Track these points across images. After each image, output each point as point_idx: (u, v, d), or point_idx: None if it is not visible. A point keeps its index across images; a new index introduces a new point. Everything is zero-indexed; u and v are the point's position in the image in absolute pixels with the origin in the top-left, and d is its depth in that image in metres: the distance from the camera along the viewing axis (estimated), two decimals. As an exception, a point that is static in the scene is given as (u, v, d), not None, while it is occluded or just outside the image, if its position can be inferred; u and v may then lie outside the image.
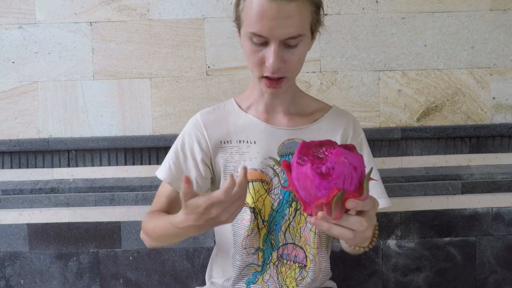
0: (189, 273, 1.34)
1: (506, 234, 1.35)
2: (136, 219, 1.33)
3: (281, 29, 0.75)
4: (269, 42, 0.77)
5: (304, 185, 0.58)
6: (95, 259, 1.34)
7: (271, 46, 0.77)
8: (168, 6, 1.38)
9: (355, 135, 0.94)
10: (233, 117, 0.92)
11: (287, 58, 0.79)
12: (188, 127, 0.93)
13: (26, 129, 1.40)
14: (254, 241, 0.88)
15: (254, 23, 0.76)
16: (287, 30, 0.76)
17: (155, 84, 1.40)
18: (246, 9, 0.78)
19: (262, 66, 0.80)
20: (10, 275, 1.35)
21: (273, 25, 0.75)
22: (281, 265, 0.89)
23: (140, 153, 1.40)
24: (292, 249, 0.88)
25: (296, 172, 0.59)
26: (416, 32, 1.39)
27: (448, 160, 1.41)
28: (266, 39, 0.77)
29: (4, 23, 1.38)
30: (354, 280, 1.34)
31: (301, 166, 0.58)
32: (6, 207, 1.34)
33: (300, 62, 0.84)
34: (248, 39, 0.79)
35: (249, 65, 0.83)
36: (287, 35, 0.76)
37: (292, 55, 0.79)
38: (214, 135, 0.91)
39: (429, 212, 1.34)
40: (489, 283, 1.36)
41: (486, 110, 1.41)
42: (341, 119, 0.94)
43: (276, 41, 0.76)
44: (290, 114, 0.92)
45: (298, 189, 0.60)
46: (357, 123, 0.96)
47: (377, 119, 1.40)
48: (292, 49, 0.79)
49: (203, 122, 0.92)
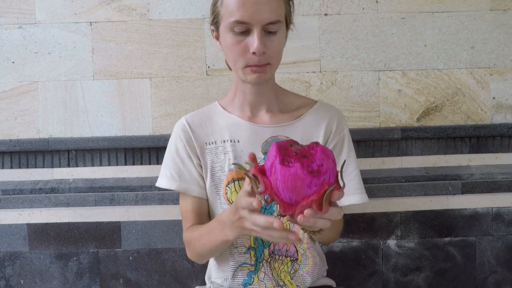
0: (189, 273, 1.34)
1: (506, 234, 1.35)
2: (136, 219, 1.33)
3: (262, 14, 0.79)
4: (251, 29, 0.81)
5: (292, 186, 0.58)
6: (95, 259, 1.34)
7: (254, 32, 0.80)
8: (168, 6, 1.38)
9: (338, 129, 0.94)
10: (217, 118, 0.95)
11: (268, 45, 0.82)
12: (176, 132, 0.95)
13: (26, 129, 1.40)
14: (245, 240, 0.89)
15: (235, 11, 0.79)
16: (268, 15, 0.80)
17: (155, 84, 1.40)
18: (225, 2, 0.82)
19: (245, 55, 0.82)
20: (10, 275, 1.35)
21: (254, 10, 0.79)
22: (274, 261, 0.90)
23: (140, 153, 1.40)
24: (283, 244, 0.90)
25: (282, 174, 0.58)
26: (416, 32, 1.39)
27: (448, 160, 1.41)
28: (248, 25, 0.80)
29: (4, 23, 1.38)
30: (354, 280, 1.34)
31: (289, 167, 0.58)
32: (6, 207, 1.34)
33: (280, 50, 0.87)
34: (230, 30, 0.82)
35: (232, 57, 0.85)
36: (268, 20, 0.80)
37: (273, 42, 0.83)
38: (200, 137, 0.93)
39: (429, 212, 1.34)
40: (489, 283, 1.36)
41: (486, 110, 1.41)
42: (325, 114, 0.95)
43: (258, 26, 0.80)
44: (273, 111, 0.94)
45: (281, 191, 0.59)
46: (341, 118, 0.97)
47: (377, 119, 1.40)
48: (272, 36, 0.83)
49: (189, 124, 0.94)
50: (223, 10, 0.83)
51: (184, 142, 0.93)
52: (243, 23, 0.80)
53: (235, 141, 0.91)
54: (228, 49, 0.85)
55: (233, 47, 0.83)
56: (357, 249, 1.34)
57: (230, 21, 0.81)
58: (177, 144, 0.94)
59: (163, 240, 1.33)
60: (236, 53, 0.83)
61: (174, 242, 1.33)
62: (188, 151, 0.92)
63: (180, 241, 1.33)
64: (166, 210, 1.33)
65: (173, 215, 1.33)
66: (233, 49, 0.83)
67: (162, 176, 0.94)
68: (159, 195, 1.34)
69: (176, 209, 1.32)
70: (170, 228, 1.33)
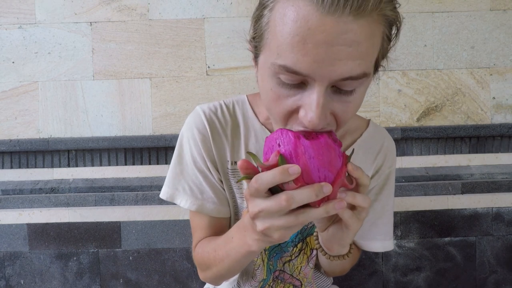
0: (189, 273, 1.34)
1: (506, 234, 1.35)
2: (136, 219, 1.33)
3: (335, 63, 0.45)
4: (310, 84, 0.48)
5: (329, 159, 0.47)
6: (95, 259, 1.34)
7: (313, 90, 0.47)
8: (168, 6, 1.38)
9: (386, 164, 0.75)
10: (245, 129, 0.70)
11: (337, 110, 0.50)
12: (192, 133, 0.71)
13: (26, 129, 1.40)
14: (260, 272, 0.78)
15: (287, 50, 0.46)
16: (346, 64, 0.45)
17: (155, 84, 1.40)
18: (273, 24, 0.48)
19: (293, 116, 0.51)
20: (10, 275, 1.35)
21: (322, 55, 0.45)
22: (276, 285, 0.80)
23: (140, 153, 1.40)
24: (289, 278, 0.80)
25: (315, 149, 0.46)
26: (416, 32, 1.39)
27: (448, 160, 1.41)
28: (305, 78, 0.47)
29: (4, 23, 1.38)
30: (354, 280, 1.34)
31: (317, 139, 0.47)
32: (6, 207, 1.34)
33: (355, 112, 0.54)
34: (273, 76, 0.49)
35: (271, 110, 0.54)
36: (345, 74, 0.46)
37: (346, 105, 0.50)
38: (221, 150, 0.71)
39: (429, 212, 1.34)
40: (489, 283, 1.36)
41: (486, 110, 1.41)
42: (377, 145, 0.74)
43: (323, 84, 0.47)
44: None
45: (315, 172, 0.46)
46: (393, 149, 0.77)
47: (377, 119, 1.40)
48: (346, 96, 0.50)
49: (210, 125, 0.70)
50: (270, 37, 0.49)
51: (202, 150, 0.70)
52: (297, 74, 0.46)
53: None
54: (267, 94, 0.52)
55: (275, 102, 0.51)
56: (357, 249, 1.34)
57: (276, 63, 0.48)
58: (193, 151, 0.70)
59: (163, 240, 1.33)
60: (279, 110, 0.51)
61: (174, 242, 1.33)
62: (207, 162, 0.70)
63: (180, 241, 1.33)
64: (166, 210, 1.33)
65: (173, 215, 1.33)
66: (274, 104, 0.52)
67: (177, 189, 0.72)
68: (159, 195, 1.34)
69: (176, 209, 1.32)
70: (170, 228, 1.33)
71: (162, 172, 1.39)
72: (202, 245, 0.71)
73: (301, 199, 0.45)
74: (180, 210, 1.33)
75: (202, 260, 0.69)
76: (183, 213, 1.33)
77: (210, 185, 0.71)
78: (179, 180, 0.72)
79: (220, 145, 0.70)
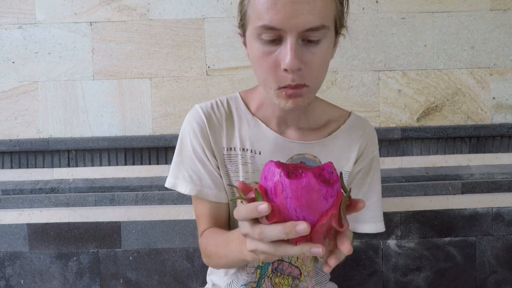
0: (189, 273, 1.34)
1: (506, 234, 1.35)
2: (136, 219, 1.33)
3: (299, 17, 0.60)
4: (284, 37, 0.62)
5: (308, 201, 0.46)
6: (95, 259, 1.34)
7: (286, 41, 0.61)
8: (168, 6, 1.38)
9: (369, 150, 0.82)
10: (238, 119, 0.80)
11: (307, 59, 0.63)
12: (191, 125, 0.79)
13: (26, 129, 1.40)
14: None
15: (264, 13, 0.61)
16: (307, 18, 0.60)
17: (155, 84, 1.40)
18: (252, 0, 0.64)
19: (276, 72, 0.64)
20: (10, 275, 1.35)
21: (288, 11, 0.59)
22: (275, 277, 0.84)
23: (140, 153, 1.40)
24: (288, 267, 0.83)
25: (292, 188, 0.46)
26: (416, 32, 1.39)
27: (448, 160, 1.41)
28: (279, 32, 0.61)
29: (4, 23, 1.38)
30: (354, 280, 1.34)
31: (300, 178, 0.46)
32: (6, 207, 1.34)
33: (323, 66, 0.66)
34: (257, 38, 0.64)
35: (260, 74, 0.67)
36: (308, 25, 0.60)
37: (313, 55, 0.63)
38: (218, 139, 0.79)
39: (429, 212, 1.34)
40: (489, 283, 1.36)
41: (486, 110, 1.41)
42: (358, 131, 0.82)
43: (293, 34, 0.61)
44: (303, 127, 0.80)
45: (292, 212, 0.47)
46: (374, 136, 0.84)
47: (377, 119, 1.40)
48: (313, 47, 0.63)
49: (207, 118, 0.79)
50: (251, 10, 0.64)
51: (200, 140, 0.78)
52: (273, 29, 0.61)
53: (256, 152, 0.78)
54: (255, 62, 0.67)
55: (261, 60, 0.64)
56: (357, 249, 1.34)
57: (257, 25, 0.62)
58: (193, 142, 0.79)
59: (163, 240, 1.33)
60: (265, 68, 0.65)
61: (174, 242, 1.33)
62: (205, 151, 0.78)
63: (180, 241, 1.33)
64: (166, 210, 1.33)
65: (173, 215, 1.33)
66: (261, 63, 0.65)
67: (178, 177, 0.79)
68: (159, 195, 1.34)
69: (176, 209, 1.33)
70: (170, 228, 1.33)
71: (162, 172, 1.39)
72: (207, 236, 0.78)
73: (271, 236, 0.48)
74: (180, 210, 1.33)
75: (205, 250, 0.78)
76: (183, 213, 1.33)
77: (208, 172, 0.78)
78: (179, 169, 0.79)
79: (216, 134, 0.79)
